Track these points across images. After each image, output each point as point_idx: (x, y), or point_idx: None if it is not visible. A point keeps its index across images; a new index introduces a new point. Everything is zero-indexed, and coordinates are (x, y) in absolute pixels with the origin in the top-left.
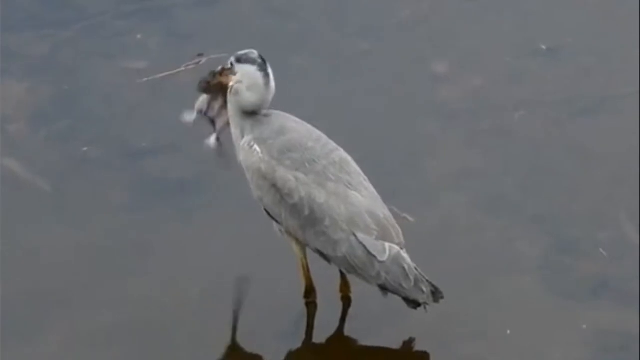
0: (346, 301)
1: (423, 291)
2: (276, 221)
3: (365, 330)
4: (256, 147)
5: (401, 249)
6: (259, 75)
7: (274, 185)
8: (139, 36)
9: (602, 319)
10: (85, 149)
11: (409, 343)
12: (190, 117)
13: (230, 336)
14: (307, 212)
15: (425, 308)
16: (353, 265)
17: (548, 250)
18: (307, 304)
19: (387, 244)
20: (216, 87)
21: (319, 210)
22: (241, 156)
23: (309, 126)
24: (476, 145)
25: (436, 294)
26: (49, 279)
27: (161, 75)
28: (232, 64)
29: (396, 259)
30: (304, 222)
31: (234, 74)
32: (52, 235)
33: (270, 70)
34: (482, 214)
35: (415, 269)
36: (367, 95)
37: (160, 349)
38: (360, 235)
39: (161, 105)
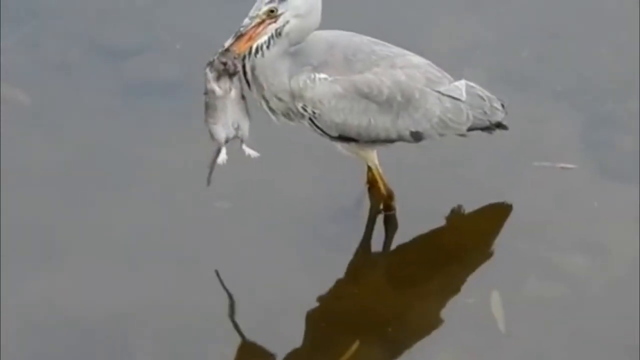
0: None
1: (498, 108)
2: (353, 140)
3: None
4: (319, 75)
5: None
6: None
7: (355, 98)
8: None
9: None
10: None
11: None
12: (223, 155)
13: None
14: (399, 98)
15: (505, 127)
16: (446, 121)
17: (585, 128)
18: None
19: (456, 83)
20: (232, 64)
21: (407, 88)
22: (308, 93)
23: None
24: (477, 14)
25: (504, 106)
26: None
27: None
28: (273, 9)
29: (469, 91)
30: (397, 110)
31: (276, 17)
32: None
33: None
34: (500, 91)
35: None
36: None
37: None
38: (442, 89)
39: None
